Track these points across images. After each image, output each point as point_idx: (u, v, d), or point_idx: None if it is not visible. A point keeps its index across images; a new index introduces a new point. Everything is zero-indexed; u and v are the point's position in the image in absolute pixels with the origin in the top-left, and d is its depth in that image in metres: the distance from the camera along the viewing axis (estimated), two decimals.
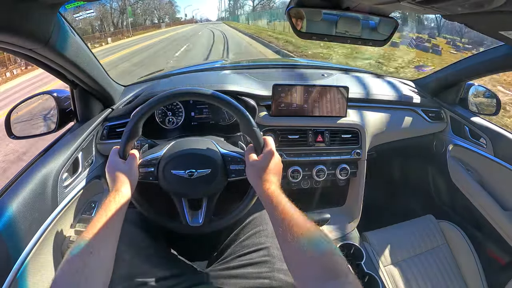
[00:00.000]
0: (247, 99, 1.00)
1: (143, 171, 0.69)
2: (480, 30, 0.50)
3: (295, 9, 0.54)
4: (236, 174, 0.71)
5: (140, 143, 0.80)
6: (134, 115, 0.66)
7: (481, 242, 1.10)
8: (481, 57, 1.02)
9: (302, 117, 1.03)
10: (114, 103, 1.03)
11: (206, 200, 0.73)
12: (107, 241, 0.50)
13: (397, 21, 0.56)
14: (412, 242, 1.09)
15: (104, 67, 0.93)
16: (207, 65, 1.60)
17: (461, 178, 1.17)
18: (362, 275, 0.95)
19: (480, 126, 1.10)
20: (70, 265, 0.44)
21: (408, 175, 1.45)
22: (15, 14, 0.49)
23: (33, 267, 0.65)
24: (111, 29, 33.62)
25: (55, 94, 0.92)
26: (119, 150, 0.66)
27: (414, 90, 1.27)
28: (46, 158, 0.78)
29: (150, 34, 27.96)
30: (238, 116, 0.68)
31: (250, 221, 0.78)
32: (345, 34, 0.58)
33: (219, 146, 0.73)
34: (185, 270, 0.71)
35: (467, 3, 0.35)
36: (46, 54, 0.65)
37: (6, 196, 0.66)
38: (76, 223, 0.85)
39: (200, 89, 0.69)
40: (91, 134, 0.92)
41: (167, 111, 1.00)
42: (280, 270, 0.65)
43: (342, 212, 1.16)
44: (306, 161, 1.03)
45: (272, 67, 1.47)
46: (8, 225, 0.62)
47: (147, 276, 0.63)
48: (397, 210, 1.31)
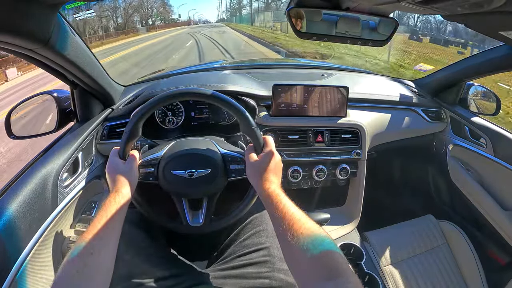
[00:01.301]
0: (247, 99, 1.00)
1: (143, 172, 0.69)
2: (480, 30, 0.50)
3: (295, 9, 0.55)
4: (236, 174, 0.71)
5: (140, 143, 0.80)
6: (134, 115, 0.66)
7: (481, 242, 1.10)
8: (481, 57, 1.02)
9: (302, 117, 1.03)
10: (114, 103, 1.03)
11: (206, 200, 0.73)
12: (108, 242, 0.50)
13: (397, 21, 0.56)
14: (412, 242, 1.09)
15: (104, 67, 0.93)
16: (207, 65, 1.59)
17: (461, 178, 1.17)
18: (362, 275, 0.95)
19: (480, 126, 1.10)
20: (71, 266, 0.44)
21: (408, 175, 1.45)
22: (15, 14, 0.49)
23: (32, 267, 0.65)
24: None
25: (55, 94, 0.92)
26: (119, 151, 0.66)
27: (414, 90, 1.27)
28: (46, 158, 0.78)
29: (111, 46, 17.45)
30: (238, 116, 0.68)
31: (250, 221, 0.78)
32: (345, 34, 0.58)
33: (219, 146, 0.73)
34: (185, 270, 0.71)
35: (467, 3, 0.35)
36: (46, 54, 0.65)
37: (6, 196, 0.66)
38: (76, 223, 0.85)
39: (200, 89, 0.69)
40: (91, 134, 0.92)
41: (167, 111, 1.00)
42: (280, 270, 0.66)
43: (342, 212, 1.16)
44: (306, 161, 1.03)
45: (272, 67, 1.47)
46: (8, 225, 0.61)
47: (147, 276, 0.63)
48: (397, 210, 1.31)
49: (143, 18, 42.79)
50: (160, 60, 10.43)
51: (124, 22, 37.07)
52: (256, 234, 0.74)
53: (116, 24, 36.67)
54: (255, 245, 0.71)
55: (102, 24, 32.07)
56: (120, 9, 37.78)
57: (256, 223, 0.77)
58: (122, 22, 37.19)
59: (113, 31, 33.10)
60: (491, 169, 1.07)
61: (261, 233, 0.74)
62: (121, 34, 30.50)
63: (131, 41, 21.55)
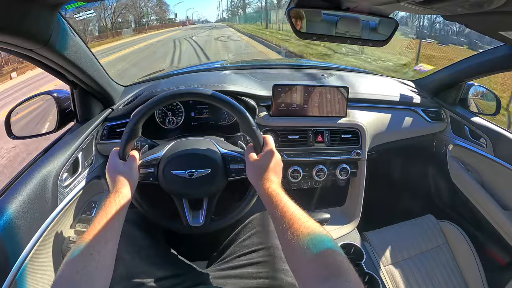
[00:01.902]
0: (247, 99, 1.00)
1: (143, 172, 0.69)
2: (480, 30, 0.50)
3: (295, 10, 0.55)
4: (236, 174, 0.71)
5: (140, 143, 0.80)
6: (134, 116, 0.66)
7: (481, 242, 1.10)
8: (481, 57, 1.02)
9: (302, 117, 1.02)
10: (114, 103, 1.03)
11: (207, 200, 0.73)
12: (108, 243, 0.50)
13: (397, 22, 0.56)
14: (412, 242, 1.09)
15: (104, 67, 0.93)
16: (207, 66, 1.60)
17: (461, 178, 1.17)
18: (362, 275, 0.95)
19: (480, 126, 1.10)
20: (71, 266, 0.44)
21: (408, 175, 1.45)
22: (15, 14, 0.49)
23: (32, 267, 0.65)
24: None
25: (55, 94, 0.92)
26: (119, 151, 0.66)
27: (414, 90, 1.27)
28: (46, 158, 0.78)
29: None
30: (237, 115, 0.68)
31: (250, 221, 0.78)
32: (345, 35, 0.58)
33: (219, 146, 0.73)
34: (185, 270, 0.71)
35: (467, 3, 0.35)
36: (46, 54, 0.65)
37: (6, 196, 0.66)
38: (76, 223, 0.85)
39: (199, 89, 0.69)
40: (91, 134, 0.92)
41: (167, 111, 1.00)
42: (280, 270, 0.66)
43: (342, 212, 1.16)
44: (306, 161, 1.03)
45: (272, 67, 1.47)
46: (7, 225, 0.61)
47: (147, 276, 0.63)
48: (397, 210, 1.31)
49: (136, 18, 37.89)
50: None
51: (112, 23, 32.58)
52: (256, 234, 0.74)
53: (104, 26, 32.77)
54: (255, 245, 0.71)
55: (85, 27, 28.25)
56: (108, 9, 33.49)
57: (256, 223, 0.77)
58: (111, 23, 32.67)
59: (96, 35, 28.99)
60: (491, 169, 1.07)
61: (261, 233, 0.74)
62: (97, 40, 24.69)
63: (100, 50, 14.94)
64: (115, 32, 30.72)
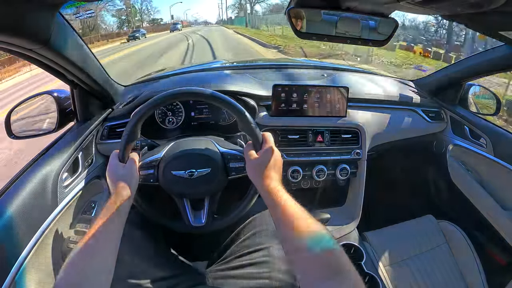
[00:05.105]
0: (247, 99, 1.00)
1: (144, 174, 0.69)
2: (480, 30, 0.50)
3: (295, 10, 0.55)
4: (236, 172, 0.71)
5: (140, 144, 0.80)
6: (134, 116, 0.66)
7: (481, 242, 1.10)
8: (481, 57, 1.02)
9: (302, 117, 1.02)
10: (114, 103, 1.03)
11: (208, 200, 0.73)
12: (109, 244, 0.50)
13: (397, 21, 0.56)
14: (412, 242, 1.09)
15: (104, 67, 0.93)
16: (207, 65, 1.59)
17: (461, 178, 1.17)
18: (362, 275, 0.95)
19: (480, 126, 1.10)
20: (72, 267, 0.45)
21: (408, 175, 1.45)
22: (15, 14, 0.49)
23: (32, 268, 0.65)
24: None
25: (55, 94, 0.92)
26: (118, 154, 0.66)
27: (414, 90, 1.26)
28: (46, 158, 0.78)
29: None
30: (235, 113, 0.68)
31: (250, 221, 0.78)
32: (345, 34, 0.58)
33: (218, 145, 0.73)
34: (185, 270, 0.71)
35: (467, 3, 0.35)
36: (46, 54, 0.65)
37: (6, 196, 0.66)
38: (76, 223, 0.84)
39: (198, 89, 0.69)
40: (91, 134, 0.92)
41: (167, 111, 1.00)
42: (280, 271, 0.65)
43: (342, 212, 1.16)
44: (306, 161, 1.03)
45: (272, 67, 1.47)
46: (7, 225, 0.61)
47: (147, 276, 0.63)
48: (397, 210, 1.31)
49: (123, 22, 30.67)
50: None
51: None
52: (256, 234, 0.74)
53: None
54: (255, 245, 0.71)
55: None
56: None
57: (256, 223, 0.77)
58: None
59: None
60: (491, 169, 1.07)
61: (261, 233, 0.74)
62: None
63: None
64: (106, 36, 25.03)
